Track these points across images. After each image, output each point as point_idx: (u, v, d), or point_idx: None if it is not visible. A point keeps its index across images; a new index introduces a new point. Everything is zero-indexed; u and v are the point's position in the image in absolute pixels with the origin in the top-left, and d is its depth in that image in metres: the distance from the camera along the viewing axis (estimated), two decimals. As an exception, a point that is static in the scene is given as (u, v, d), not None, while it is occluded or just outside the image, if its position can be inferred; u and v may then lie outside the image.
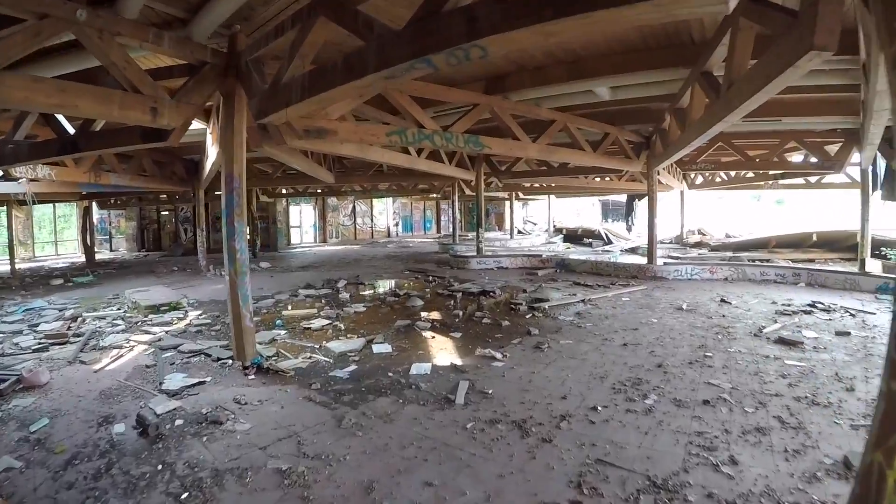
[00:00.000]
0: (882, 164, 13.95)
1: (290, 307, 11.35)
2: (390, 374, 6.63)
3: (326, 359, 7.30)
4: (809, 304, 10.82)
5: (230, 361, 7.08)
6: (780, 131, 14.63)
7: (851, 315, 9.82)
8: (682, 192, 25.22)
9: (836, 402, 5.38)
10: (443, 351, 7.70)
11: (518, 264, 17.96)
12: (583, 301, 11.46)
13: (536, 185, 25.45)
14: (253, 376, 6.57)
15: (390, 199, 39.03)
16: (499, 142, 10.53)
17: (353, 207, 36.97)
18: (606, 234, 30.15)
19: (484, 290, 12.69)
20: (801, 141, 14.66)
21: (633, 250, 26.13)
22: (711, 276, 15.06)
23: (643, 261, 16.39)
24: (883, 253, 18.81)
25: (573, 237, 32.29)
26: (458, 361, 7.09)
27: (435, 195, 34.55)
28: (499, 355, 7.25)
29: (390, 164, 14.26)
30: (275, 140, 8.53)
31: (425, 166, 14.34)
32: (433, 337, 8.49)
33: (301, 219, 33.20)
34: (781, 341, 7.94)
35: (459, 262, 18.16)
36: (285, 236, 30.38)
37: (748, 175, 20.96)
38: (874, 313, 9.97)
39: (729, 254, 23.37)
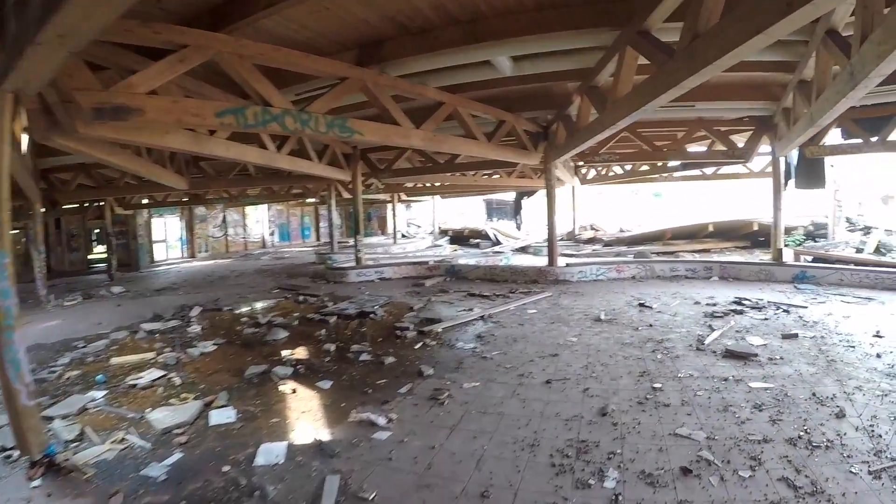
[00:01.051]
0: (794, 153, 13.46)
1: (124, 351, 8.51)
2: (227, 467, 4.33)
3: (143, 442, 4.87)
4: (735, 302, 10.03)
5: (15, 454, 4.56)
6: (689, 120, 13.65)
7: (785, 311, 9.24)
8: (573, 188, 24.17)
9: (834, 438, 4.40)
10: (305, 415, 5.44)
11: (403, 273, 15.93)
12: (482, 318, 9.61)
13: (420, 185, 23.42)
14: (39, 480, 4.16)
15: (265, 206, 35.84)
16: (374, 127, 8.41)
17: (224, 217, 33.40)
18: (495, 235, 28.96)
19: (363, 311, 10.50)
20: (711, 130, 13.67)
21: (523, 249, 25.07)
22: (619, 275, 13.82)
23: (541, 262, 14.98)
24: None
25: (459, 238, 31.19)
26: (326, 435, 4.89)
27: (312, 199, 31.97)
28: (382, 420, 5.09)
29: (240, 159, 11.66)
30: (64, 128, 6.07)
31: (287, 164, 11.92)
32: (294, 391, 6.17)
33: (166, 232, 29.20)
34: (731, 355, 6.81)
35: (336, 275, 15.86)
36: (148, 253, 26.49)
37: (643, 168, 20.11)
38: (805, 307, 9.54)
39: (624, 248, 22.78)
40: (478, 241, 29.44)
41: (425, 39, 7.52)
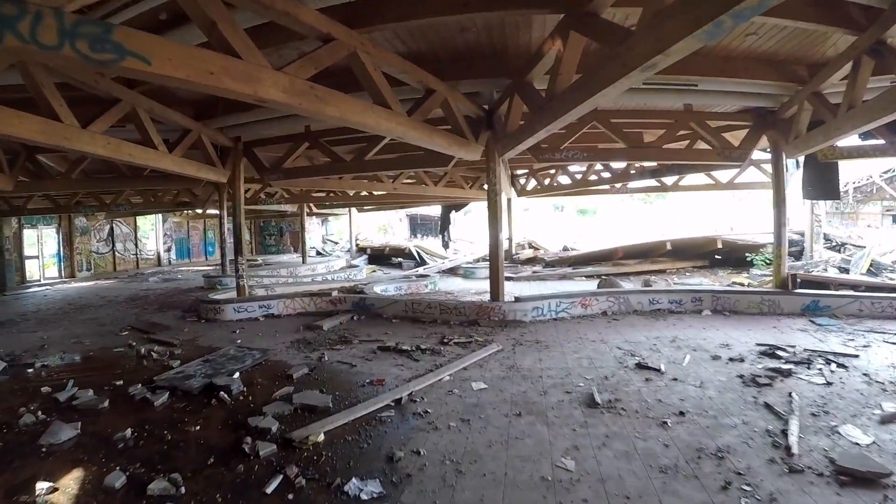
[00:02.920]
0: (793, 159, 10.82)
1: None
2: None
3: None
4: (766, 353, 7.36)
5: None
6: (673, 111, 10.57)
7: (840, 366, 6.66)
8: (508, 200, 20.64)
9: None
10: None
11: (297, 308, 11.89)
12: (398, 401, 5.73)
13: (333, 193, 19.13)
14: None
15: (159, 217, 30.68)
16: (178, 52, 4.25)
17: (111, 230, 28.08)
18: (419, 253, 25.41)
19: (212, 384, 6.44)
20: (703, 124, 10.41)
21: (452, 271, 21.90)
22: (585, 310, 10.38)
23: (474, 286, 12.30)
24: (749, 259, 16.78)
25: (380, 258, 27.85)
26: None
27: (214, 211, 27.26)
28: None
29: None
30: None
31: (105, 150, 7.67)
32: None
33: (41, 246, 24.10)
34: (848, 475, 3.83)
35: (210, 310, 11.66)
36: (18, 271, 21.74)
37: (602, 175, 16.78)
38: (856, 355, 7.12)
39: (569, 268, 19.66)
40: (400, 260, 26.06)
41: None
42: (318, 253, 32.48)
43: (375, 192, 19.19)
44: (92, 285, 21.22)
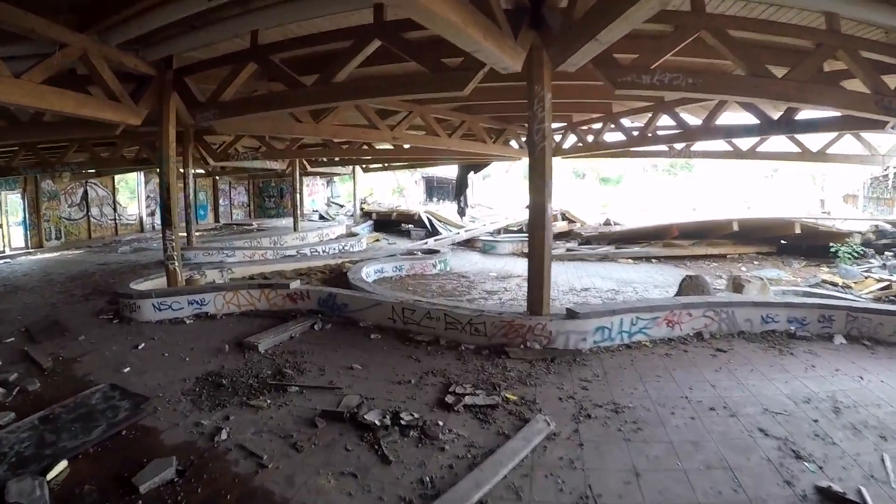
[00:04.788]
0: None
1: None
2: None
3: None
4: None
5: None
6: (816, 30, 6.38)
7: None
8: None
9: None
10: None
11: (243, 304, 8.30)
12: None
13: (324, 146, 15.23)
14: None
15: (142, 178, 26.99)
16: None
17: (85, 193, 24.58)
18: (430, 221, 21.78)
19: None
20: (855, 55, 6.26)
21: (469, 243, 18.47)
22: (671, 330, 6.54)
23: (496, 265, 10.98)
24: (833, 250, 13.21)
25: (386, 224, 24.44)
26: None
27: (201, 170, 23.77)
28: None
29: None
30: None
31: None
32: None
33: (5, 214, 21.12)
34: None
35: (126, 305, 8.17)
36: None
37: (652, 135, 12.59)
38: None
39: (611, 248, 15.94)
40: (409, 227, 22.92)
41: None
42: (322, 217, 28.86)
43: (376, 146, 15.46)
44: (55, 257, 18.16)
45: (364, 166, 25.05)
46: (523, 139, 16.06)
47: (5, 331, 7.94)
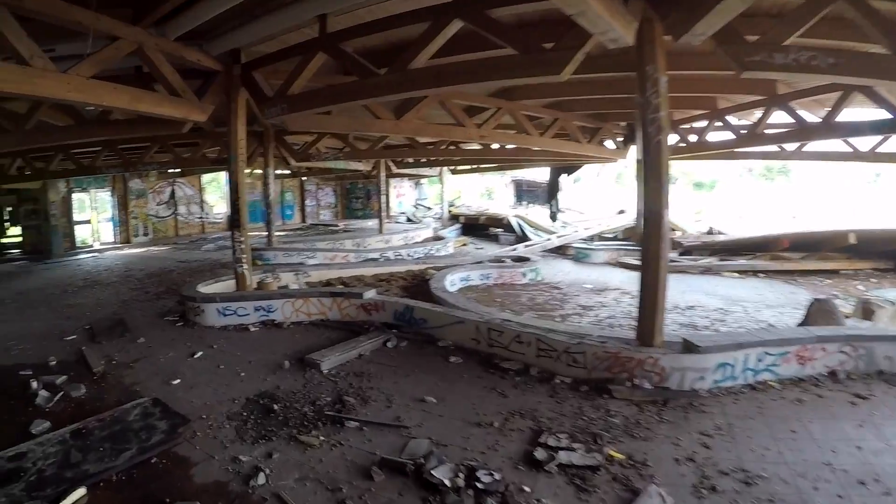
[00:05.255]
0: None
1: None
2: None
3: None
4: None
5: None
6: None
7: None
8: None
9: None
10: None
11: (313, 313, 7.71)
12: None
13: (409, 146, 14.57)
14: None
15: (226, 179, 27.46)
16: None
17: (172, 192, 25.37)
18: (520, 225, 20.79)
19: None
20: None
21: (560, 250, 17.13)
22: (801, 367, 5.28)
23: (590, 274, 10.90)
24: None
25: (474, 227, 23.43)
26: None
27: (285, 171, 24.20)
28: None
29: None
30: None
31: None
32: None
33: (95, 211, 22.46)
34: None
35: (191, 309, 7.87)
36: (67, 236, 19.93)
37: (762, 134, 11.01)
38: None
39: (714, 259, 14.44)
40: (498, 231, 21.49)
41: None
42: (409, 219, 28.39)
43: (463, 146, 14.66)
44: (140, 252, 18.74)
45: (452, 168, 24.37)
46: (619, 139, 14.83)
47: (71, 327, 7.89)
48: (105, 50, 5.52)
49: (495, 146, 13.78)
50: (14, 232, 20.46)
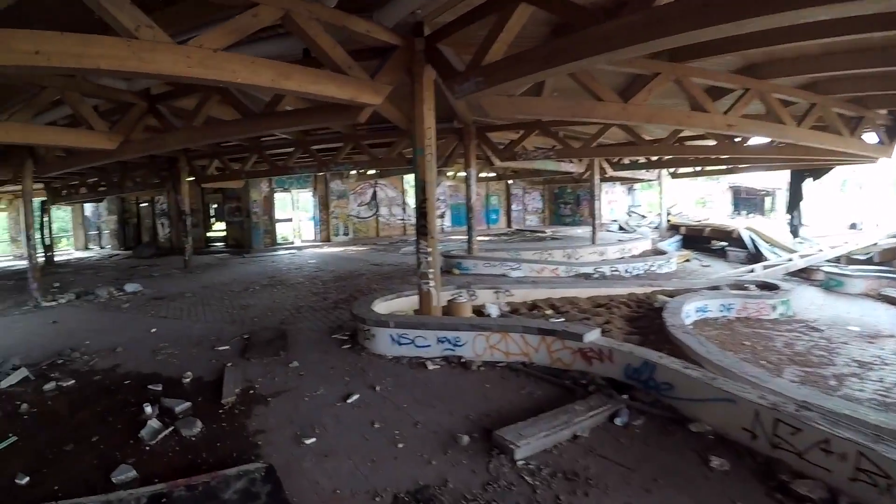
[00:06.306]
0: None
1: None
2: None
3: None
4: None
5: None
6: None
7: None
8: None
9: None
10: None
11: (512, 353, 5.93)
12: None
13: (632, 144, 12.28)
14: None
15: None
16: None
17: (374, 193, 25.67)
18: (752, 240, 17.30)
19: None
20: None
21: (801, 273, 13.63)
22: None
23: (863, 326, 7.63)
24: None
25: (695, 239, 20.36)
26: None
27: (488, 174, 24.34)
28: None
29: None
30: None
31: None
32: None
33: (296, 210, 24.39)
34: None
35: (362, 332, 6.64)
36: (268, 233, 21.78)
37: None
38: None
39: None
40: (724, 245, 18.44)
41: None
42: (621, 228, 25.99)
43: (686, 141, 12.29)
44: (337, 252, 19.43)
45: (672, 171, 21.45)
46: (881, 131, 10.96)
47: (230, 334, 7.60)
48: (240, 17, 4.45)
49: (737, 139, 11.15)
50: (219, 227, 22.91)
